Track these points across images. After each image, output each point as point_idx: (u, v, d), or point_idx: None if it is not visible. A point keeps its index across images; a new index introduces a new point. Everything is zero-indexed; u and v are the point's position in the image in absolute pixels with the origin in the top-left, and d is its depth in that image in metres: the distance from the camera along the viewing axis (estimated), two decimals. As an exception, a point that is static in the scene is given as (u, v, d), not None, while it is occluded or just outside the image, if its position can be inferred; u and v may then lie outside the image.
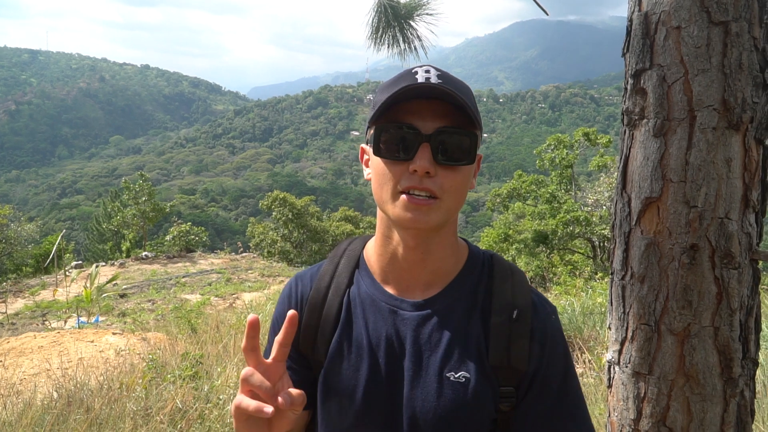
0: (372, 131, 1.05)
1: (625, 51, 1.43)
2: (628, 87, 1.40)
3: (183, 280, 18.83)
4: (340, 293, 1.17)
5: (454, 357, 1.07)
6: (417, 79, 1.01)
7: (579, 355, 5.45)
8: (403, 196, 1.01)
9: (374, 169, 1.07)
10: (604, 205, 20.91)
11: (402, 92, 1.00)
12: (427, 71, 1.03)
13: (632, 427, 1.38)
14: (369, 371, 1.10)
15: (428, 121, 1.01)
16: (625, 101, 1.42)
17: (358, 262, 1.20)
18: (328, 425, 1.17)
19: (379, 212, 1.11)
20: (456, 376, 1.06)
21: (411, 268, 1.11)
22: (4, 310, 16.20)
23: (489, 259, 1.16)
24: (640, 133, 1.36)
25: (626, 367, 1.39)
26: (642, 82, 1.36)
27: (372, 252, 1.17)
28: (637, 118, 1.37)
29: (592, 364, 5.19)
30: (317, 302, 1.18)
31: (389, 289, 1.13)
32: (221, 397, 4.26)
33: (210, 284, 18.01)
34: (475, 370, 1.06)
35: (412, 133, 1.01)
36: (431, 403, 1.06)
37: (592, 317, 6.33)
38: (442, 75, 1.04)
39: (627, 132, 1.41)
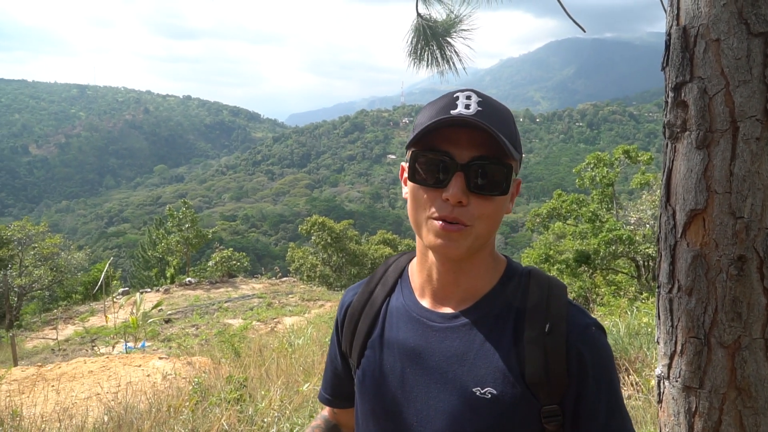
0: (409, 154, 1.07)
1: (664, 65, 1.43)
2: (669, 100, 1.41)
3: (225, 305, 19.10)
4: (380, 301, 1.22)
5: (481, 372, 1.05)
6: (457, 105, 1.03)
7: (626, 377, 5.31)
8: (435, 223, 1.03)
9: (410, 192, 1.09)
10: (648, 224, 20.45)
11: (438, 123, 1.01)
12: (468, 97, 1.04)
13: (684, 442, 1.36)
14: (397, 381, 1.12)
15: (464, 150, 1.02)
16: (666, 114, 1.42)
17: (402, 274, 1.25)
18: (358, 426, 1.23)
19: None
20: (482, 391, 1.04)
21: (444, 287, 1.12)
22: (56, 337, 16.69)
23: (527, 274, 1.14)
24: (682, 145, 1.36)
25: (676, 381, 1.37)
26: (683, 94, 1.36)
27: (414, 267, 1.21)
28: (679, 130, 1.37)
29: (639, 386, 5.06)
30: (358, 307, 1.24)
31: (424, 302, 1.15)
32: (266, 419, 4.31)
33: (252, 309, 18.20)
34: (503, 386, 1.03)
35: (446, 162, 1.02)
36: (454, 417, 1.05)
37: (639, 338, 6.18)
38: (483, 102, 1.04)
39: (669, 145, 1.41)
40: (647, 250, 19.48)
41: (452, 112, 1.02)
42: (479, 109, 1.02)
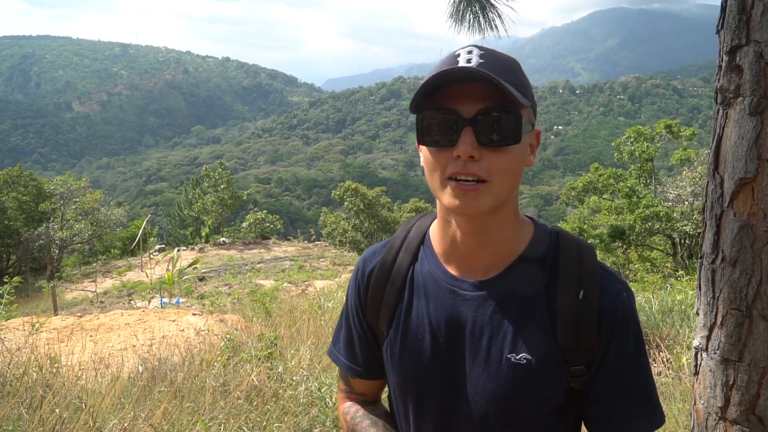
0: (415, 119, 1.03)
1: (719, 28, 1.37)
2: (723, 64, 1.35)
3: (258, 266, 19.44)
4: (404, 269, 1.18)
5: (515, 338, 1.05)
6: (458, 62, 0.99)
7: (657, 354, 5.26)
8: (451, 183, 0.99)
9: (423, 157, 1.06)
10: (686, 201, 19.97)
11: (438, 78, 0.97)
12: (470, 52, 1.00)
13: (719, 415, 1.33)
14: (430, 350, 1.11)
15: (470, 104, 0.97)
16: (719, 79, 1.36)
17: (423, 239, 1.21)
18: (394, 394, 1.22)
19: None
20: (517, 357, 1.04)
21: (470, 251, 1.09)
22: (95, 289, 17.25)
23: (555, 236, 1.12)
24: (734, 111, 1.31)
25: (714, 353, 1.34)
26: (738, 59, 1.30)
27: (435, 232, 1.17)
28: (731, 96, 1.32)
29: (670, 363, 5.01)
30: (382, 276, 1.20)
31: (451, 269, 1.12)
32: (294, 377, 4.38)
33: (283, 271, 18.50)
34: (537, 351, 1.04)
35: (453, 119, 0.98)
36: (491, 384, 1.06)
37: (671, 315, 6.09)
38: (485, 54, 1.00)
39: (720, 111, 1.35)
40: (684, 227, 19.07)
41: (453, 68, 0.98)
42: (481, 61, 0.98)
